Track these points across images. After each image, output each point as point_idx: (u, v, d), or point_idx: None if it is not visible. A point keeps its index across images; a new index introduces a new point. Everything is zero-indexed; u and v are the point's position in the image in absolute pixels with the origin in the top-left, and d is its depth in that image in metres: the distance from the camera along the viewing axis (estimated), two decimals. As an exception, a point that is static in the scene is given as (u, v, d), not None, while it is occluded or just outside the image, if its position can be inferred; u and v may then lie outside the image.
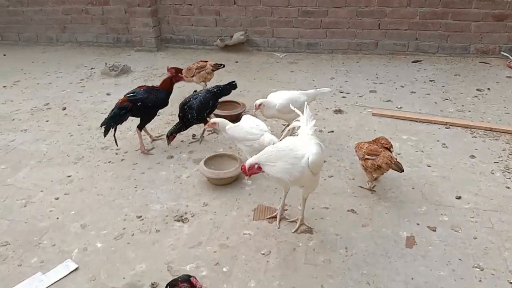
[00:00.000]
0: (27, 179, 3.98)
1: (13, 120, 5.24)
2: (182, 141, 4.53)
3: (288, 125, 4.51)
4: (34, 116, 5.33)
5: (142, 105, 4.17)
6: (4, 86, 6.39)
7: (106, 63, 6.66)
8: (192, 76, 5.44)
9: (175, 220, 3.35)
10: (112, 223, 3.36)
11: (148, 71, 6.78)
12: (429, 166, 3.92)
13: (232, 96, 5.40)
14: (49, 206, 3.59)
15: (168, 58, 7.31)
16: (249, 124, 3.75)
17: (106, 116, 4.25)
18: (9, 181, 3.96)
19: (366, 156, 3.46)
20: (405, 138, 4.42)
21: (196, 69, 5.42)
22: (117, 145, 4.30)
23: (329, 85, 5.78)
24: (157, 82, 5.58)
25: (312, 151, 2.87)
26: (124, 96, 4.24)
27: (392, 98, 5.41)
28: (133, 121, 4.43)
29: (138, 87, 4.39)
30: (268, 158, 2.82)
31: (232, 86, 4.63)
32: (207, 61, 5.56)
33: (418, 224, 3.21)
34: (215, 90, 4.50)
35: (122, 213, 3.46)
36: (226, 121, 3.86)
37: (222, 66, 5.55)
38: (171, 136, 4.25)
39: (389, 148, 3.50)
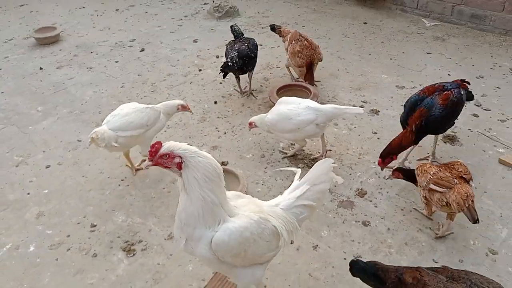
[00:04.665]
0: (45, 132, 3.68)
1: (91, 53, 5.00)
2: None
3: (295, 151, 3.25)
4: (112, 53, 4.99)
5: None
6: (116, 10, 6.22)
7: (213, 1, 5.85)
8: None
9: (121, 248, 2.61)
10: (64, 223, 2.80)
11: (256, 17, 5.75)
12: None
13: (317, 73, 4.08)
14: (34, 174, 3.21)
15: (290, 5, 6.06)
16: None
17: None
18: (30, 128, 3.72)
19: (432, 186, 2.40)
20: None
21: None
22: None
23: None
24: (258, 34, 4.86)
25: (227, 226, 1.72)
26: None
27: (557, 137, 3.34)
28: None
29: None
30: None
31: None
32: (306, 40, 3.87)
33: None
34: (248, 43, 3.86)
35: (81, 213, 2.86)
36: None
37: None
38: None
39: (468, 181, 2.40)
